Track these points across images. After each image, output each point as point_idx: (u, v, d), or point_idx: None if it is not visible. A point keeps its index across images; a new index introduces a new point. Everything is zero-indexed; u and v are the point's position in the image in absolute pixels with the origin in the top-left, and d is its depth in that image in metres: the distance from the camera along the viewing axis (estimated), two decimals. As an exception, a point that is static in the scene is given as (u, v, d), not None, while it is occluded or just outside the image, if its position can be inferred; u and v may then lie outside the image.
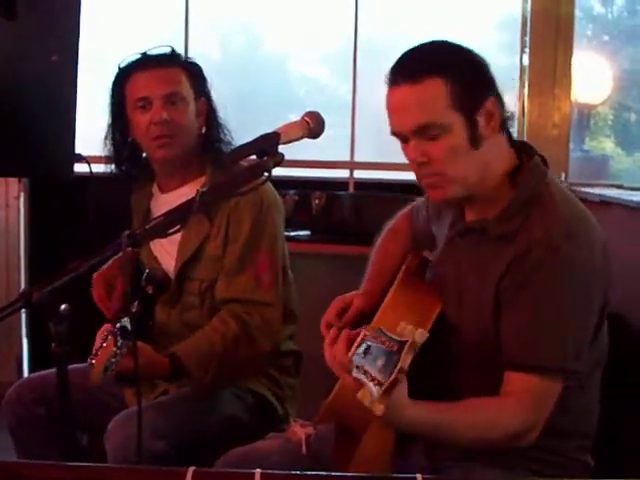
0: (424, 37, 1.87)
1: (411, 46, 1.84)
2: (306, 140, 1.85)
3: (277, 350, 2.48)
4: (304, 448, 1.84)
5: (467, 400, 1.72)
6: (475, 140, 1.76)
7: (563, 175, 4.24)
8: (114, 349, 1.97)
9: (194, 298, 2.42)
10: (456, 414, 1.69)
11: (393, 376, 1.40)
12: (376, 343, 1.45)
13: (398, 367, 1.40)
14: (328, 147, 4.28)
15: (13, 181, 4.42)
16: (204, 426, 2.30)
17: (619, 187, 4.12)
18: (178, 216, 1.67)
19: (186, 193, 2.38)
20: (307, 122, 1.82)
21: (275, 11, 4.82)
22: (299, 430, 1.86)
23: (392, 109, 1.80)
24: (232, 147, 2.47)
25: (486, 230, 1.82)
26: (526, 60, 4.31)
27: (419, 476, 1.28)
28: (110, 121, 2.45)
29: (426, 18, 4.61)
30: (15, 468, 1.37)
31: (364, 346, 1.46)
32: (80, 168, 2.56)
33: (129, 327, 1.99)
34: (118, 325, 1.99)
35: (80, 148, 2.56)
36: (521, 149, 1.88)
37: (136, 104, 2.37)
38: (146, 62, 2.38)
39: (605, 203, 3.60)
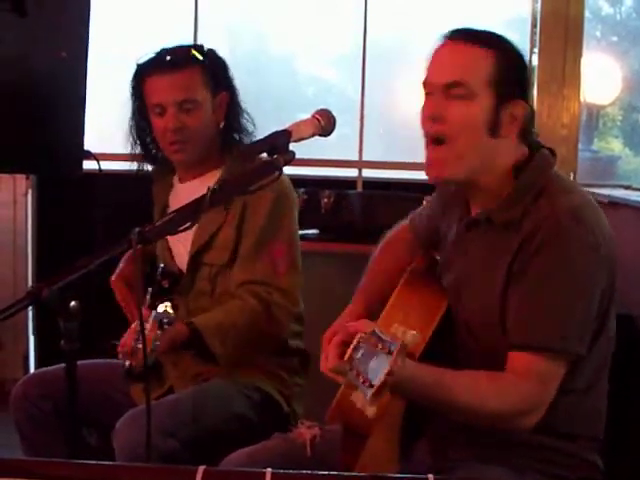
0: (433, 37, 1.87)
1: (420, 46, 1.85)
2: (315, 139, 1.85)
3: (284, 348, 2.48)
4: (309, 450, 1.84)
5: (472, 370, 1.72)
6: (492, 127, 1.76)
7: (572, 175, 4.23)
8: (158, 332, 2.05)
9: (206, 284, 2.44)
10: (459, 377, 1.68)
11: (383, 379, 1.41)
12: (369, 345, 1.45)
13: (387, 370, 1.41)
14: (337, 146, 4.28)
15: (21, 178, 4.42)
16: (212, 424, 2.30)
17: (627, 188, 4.11)
18: (189, 213, 1.67)
19: (203, 183, 2.39)
20: (318, 120, 1.82)
21: (283, 11, 4.82)
22: (305, 431, 1.86)
23: (435, 58, 1.80)
24: (253, 136, 2.50)
25: (491, 219, 1.82)
26: (535, 60, 4.30)
27: (431, 476, 1.27)
28: (132, 116, 2.50)
29: (435, 18, 4.60)
30: (25, 465, 1.37)
31: (359, 348, 1.46)
32: (89, 165, 2.56)
33: (165, 319, 2.11)
34: (159, 310, 2.10)
35: (89, 145, 2.56)
36: (535, 149, 1.86)
37: (153, 108, 2.41)
38: (162, 65, 2.39)
39: (614, 204, 3.59)
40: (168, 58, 2.39)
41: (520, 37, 4.52)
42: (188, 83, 2.39)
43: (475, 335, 1.85)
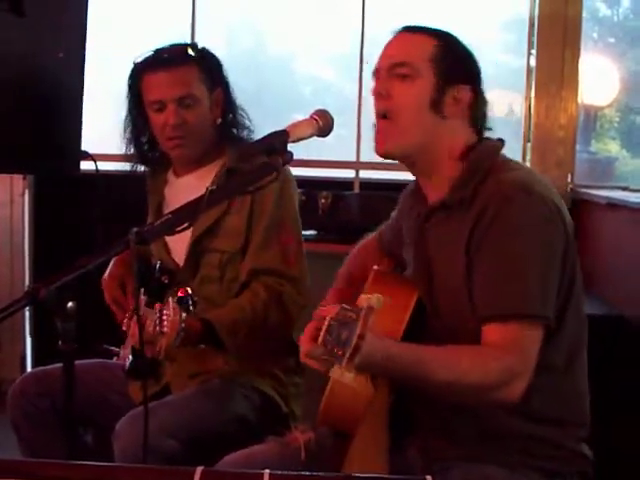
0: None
1: None
2: (312, 140, 1.86)
3: (284, 346, 2.48)
4: (303, 453, 1.85)
5: (451, 345, 1.73)
6: (435, 106, 1.85)
7: (569, 177, 4.24)
8: (183, 314, 2.03)
9: (214, 270, 2.43)
10: (438, 353, 1.69)
11: (354, 343, 1.45)
12: (340, 321, 1.48)
13: (358, 333, 1.45)
14: (334, 147, 4.28)
15: (18, 178, 4.41)
16: (212, 425, 2.30)
17: (625, 189, 4.11)
18: (186, 213, 1.67)
19: (201, 176, 2.42)
20: (316, 120, 1.84)
21: (281, 10, 4.81)
22: (299, 435, 1.87)
23: (383, 50, 1.93)
24: (250, 130, 2.53)
25: (445, 203, 1.87)
26: (533, 62, 4.30)
27: (429, 478, 1.28)
28: (128, 114, 2.51)
29: (433, 18, 4.58)
30: (22, 466, 1.37)
31: (331, 328, 1.49)
32: (86, 165, 2.56)
33: (190, 302, 2.10)
34: (181, 296, 2.08)
35: (86, 145, 2.56)
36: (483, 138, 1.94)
37: (152, 105, 2.42)
38: (159, 62, 2.41)
39: (611, 205, 3.60)
40: (165, 55, 2.42)
41: (518, 38, 4.53)
42: (186, 79, 2.41)
43: (446, 321, 1.86)
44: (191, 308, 2.10)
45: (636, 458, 2.87)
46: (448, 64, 1.86)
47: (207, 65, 2.46)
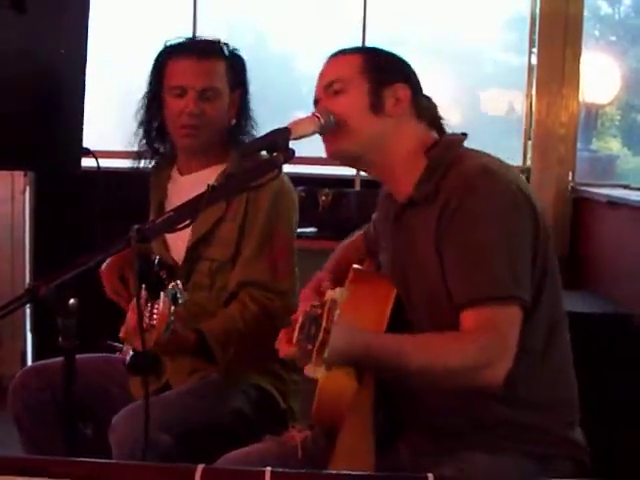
0: (432, 36, 1.91)
1: (418, 45, 1.93)
2: (314, 137, 1.86)
3: None
4: (300, 452, 1.85)
5: (429, 332, 1.75)
6: (376, 108, 1.89)
7: (570, 175, 4.24)
8: (173, 308, 2.01)
9: (205, 278, 2.43)
10: (417, 340, 1.72)
11: (320, 337, 1.46)
12: (308, 318, 1.50)
13: (323, 327, 1.47)
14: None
15: (19, 175, 4.41)
16: (209, 420, 2.30)
17: (626, 187, 4.12)
18: (187, 211, 1.68)
19: (205, 177, 2.41)
20: (317, 117, 1.85)
21: (282, 9, 4.82)
22: (296, 434, 1.88)
23: (316, 83, 1.98)
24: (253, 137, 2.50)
25: (412, 200, 1.88)
26: (534, 59, 4.31)
27: (430, 475, 1.28)
28: (145, 95, 2.51)
29: (434, 17, 4.60)
30: (23, 463, 1.37)
31: (302, 326, 1.50)
32: (87, 162, 2.56)
33: (179, 294, 2.06)
34: (170, 288, 2.06)
35: (87, 142, 2.56)
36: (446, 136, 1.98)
37: (172, 90, 2.42)
38: (191, 49, 2.42)
39: (612, 203, 3.60)
40: (197, 45, 2.44)
41: (519, 36, 4.53)
42: (212, 72, 2.42)
43: (423, 315, 1.87)
44: (180, 300, 2.08)
45: None
46: (378, 69, 1.92)
47: (234, 64, 2.48)
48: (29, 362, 4.55)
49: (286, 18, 4.85)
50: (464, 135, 1.96)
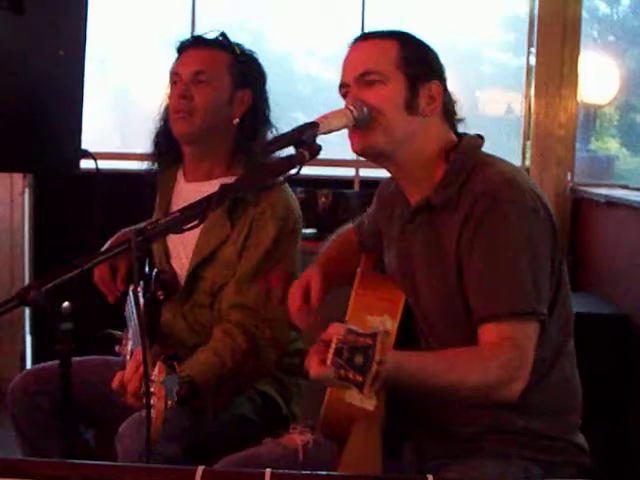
0: (431, 36, 1.90)
1: None
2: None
3: (284, 353, 2.47)
4: (301, 455, 1.85)
5: (449, 349, 1.73)
6: (411, 106, 1.83)
7: (569, 175, 4.24)
8: (169, 402, 1.87)
9: (206, 297, 2.39)
10: (439, 357, 1.70)
11: (374, 370, 1.42)
12: (350, 343, 1.46)
13: (377, 359, 1.43)
14: (334, 145, 4.27)
15: (18, 177, 4.41)
16: (215, 427, 2.27)
17: (624, 187, 4.12)
18: (196, 211, 1.62)
19: (207, 188, 2.36)
20: (350, 110, 1.78)
21: (280, 10, 4.82)
22: (297, 437, 1.87)
23: (345, 62, 1.90)
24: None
25: (430, 203, 1.85)
26: (533, 60, 4.31)
27: (430, 477, 1.28)
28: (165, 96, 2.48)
29: (433, 17, 4.60)
30: (22, 466, 1.36)
31: (340, 350, 1.46)
32: (86, 164, 2.56)
33: (174, 391, 1.90)
34: (167, 377, 1.89)
35: (86, 144, 2.55)
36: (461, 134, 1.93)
37: (171, 79, 2.41)
38: (192, 42, 2.42)
39: (611, 203, 3.60)
40: (200, 37, 2.43)
41: (517, 37, 4.53)
42: (208, 58, 2.39)
43: (435, 323, 1.86)
44: (174, 395, 1.91)
45: None
46: (415, 62, 1.85)
47: (242, 62, 2.42)
48: (28, 365, 4.55)
49: (284, 19, 4.85)
50: (481, 138, 1.92)
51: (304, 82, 5.15)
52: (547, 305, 1.75)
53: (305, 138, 1.69)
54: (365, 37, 1.90)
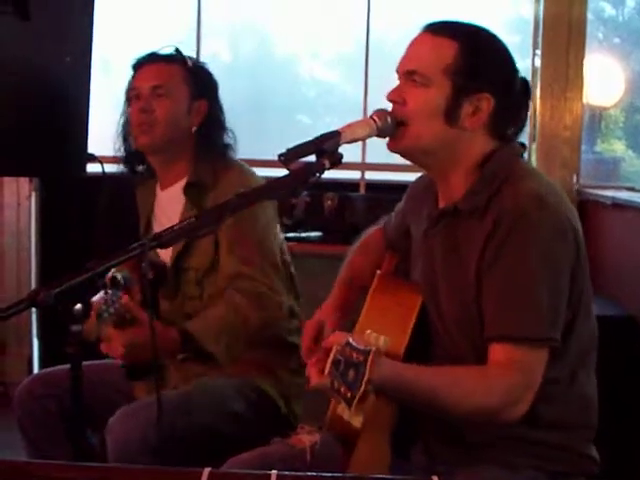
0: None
1: None
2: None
3: (283, 345, 2.50)
4: (309, 456, 1.85)
5: (454, 366, 1.73)
6: (450, 116, 1.77)
7: (575, 177, 4.23)
8: (105, 296, 2.02)
9: (193, 288, 2.46)
10: (440, 373, 1.69)
11: (362, 388, 1.43)
12: (346, 357, 1.47)
13: (365, 379, 1.43)
14: (340, 148, 4.28)
15: (24, 181, 4.42)
16: (206, 420, 2.31)
17: (631, 189, 4.11)
18: (212, 217, 1.65)
19: (176, 191, 2.48)
20: (375, 120, 1.77)
21: (286, 13, 4.82)
22: (304, 437, 1.87)
23: (407, 48, 1.85)
24: (231, 150, 2.54)
25: (457, 208, 1.82)
26: (538, 62, 4.31)
27: (435, 478, 1.28)
28: (122, 112, 2.55)
29: (438, 19, 4.59)
30: (28, 468, 1.37)
31: (338, 362, 1.47)
32: (92, 168, 2.57)
33: (119, 278, 2.08)
34: (109, 275, 2.04)
35: (93, 148, 2.57)
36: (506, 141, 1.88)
37: (130, 95, 2.48)
38: (147, 58, 2.50)
39: (617, 205, 3.60)
40: (154, 53, 2.50)
41: (522, 39, 4.53)
42: (165, 72, 2.47)
43: (450, 326, 1.84)
44: (121, 282, 2.10)
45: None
46: (470, 74, 1.77)
47: (196, 74, 2.51)
48: (35, 368, 4.55)
49: (289, 22, 4.86)
50: (523, 146, 1.89)
51: (309, 85, 5.15)
52: (561, 329, 1.73)
53: (326, 147, 1.68)
54: (431, 29, 1.84)
